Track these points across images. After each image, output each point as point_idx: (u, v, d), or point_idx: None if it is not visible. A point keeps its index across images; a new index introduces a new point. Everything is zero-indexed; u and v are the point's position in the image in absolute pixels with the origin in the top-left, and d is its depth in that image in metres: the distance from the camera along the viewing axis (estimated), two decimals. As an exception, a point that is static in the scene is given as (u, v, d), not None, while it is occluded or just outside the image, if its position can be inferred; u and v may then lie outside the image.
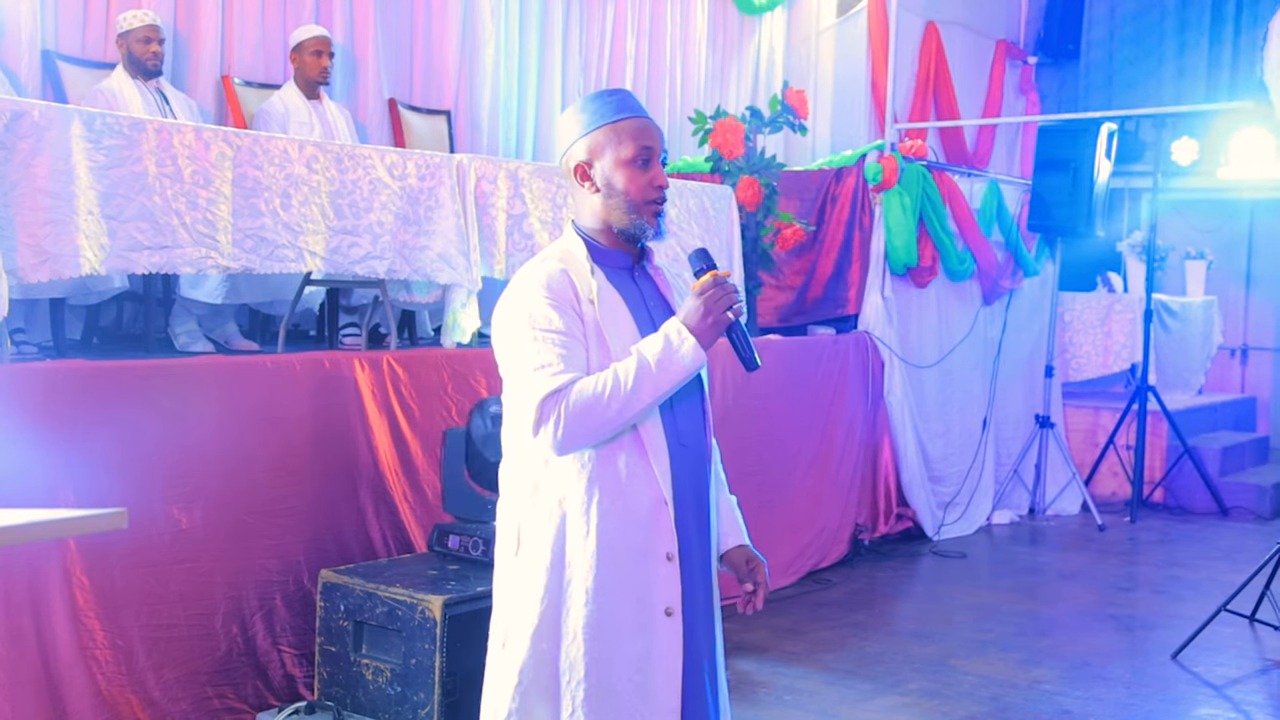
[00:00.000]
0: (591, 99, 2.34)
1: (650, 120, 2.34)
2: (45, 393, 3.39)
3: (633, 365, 2.18)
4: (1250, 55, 9.36)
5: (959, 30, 8.40)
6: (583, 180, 2.32)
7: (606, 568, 2.22)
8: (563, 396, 2.15)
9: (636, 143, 2.28)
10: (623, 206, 2.29)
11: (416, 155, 4.46)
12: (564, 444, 2.18)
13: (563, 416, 2.15)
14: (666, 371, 2.18)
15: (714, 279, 2.23)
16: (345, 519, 4.11)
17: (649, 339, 2.22)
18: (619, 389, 2.16)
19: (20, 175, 3.42)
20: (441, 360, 4.45)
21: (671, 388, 2.20)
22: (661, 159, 2.32)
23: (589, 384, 2.17)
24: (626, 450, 2.24)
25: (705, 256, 2.29)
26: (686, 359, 2.19)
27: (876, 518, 6.94)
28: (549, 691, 2.24)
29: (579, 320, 2.23)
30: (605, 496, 2.22)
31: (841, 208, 6.97)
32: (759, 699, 4.44)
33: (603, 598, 2.22)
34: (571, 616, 2.23)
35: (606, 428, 2.18)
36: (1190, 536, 7.64)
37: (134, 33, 5.01)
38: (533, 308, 2.22)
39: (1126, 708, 4.47)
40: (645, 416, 2.23)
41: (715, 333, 2.22)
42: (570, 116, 2.36)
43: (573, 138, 2.33)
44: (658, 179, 2.30)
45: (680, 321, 2.21)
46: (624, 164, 2.28)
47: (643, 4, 7.66)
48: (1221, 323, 10.65)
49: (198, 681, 3.66)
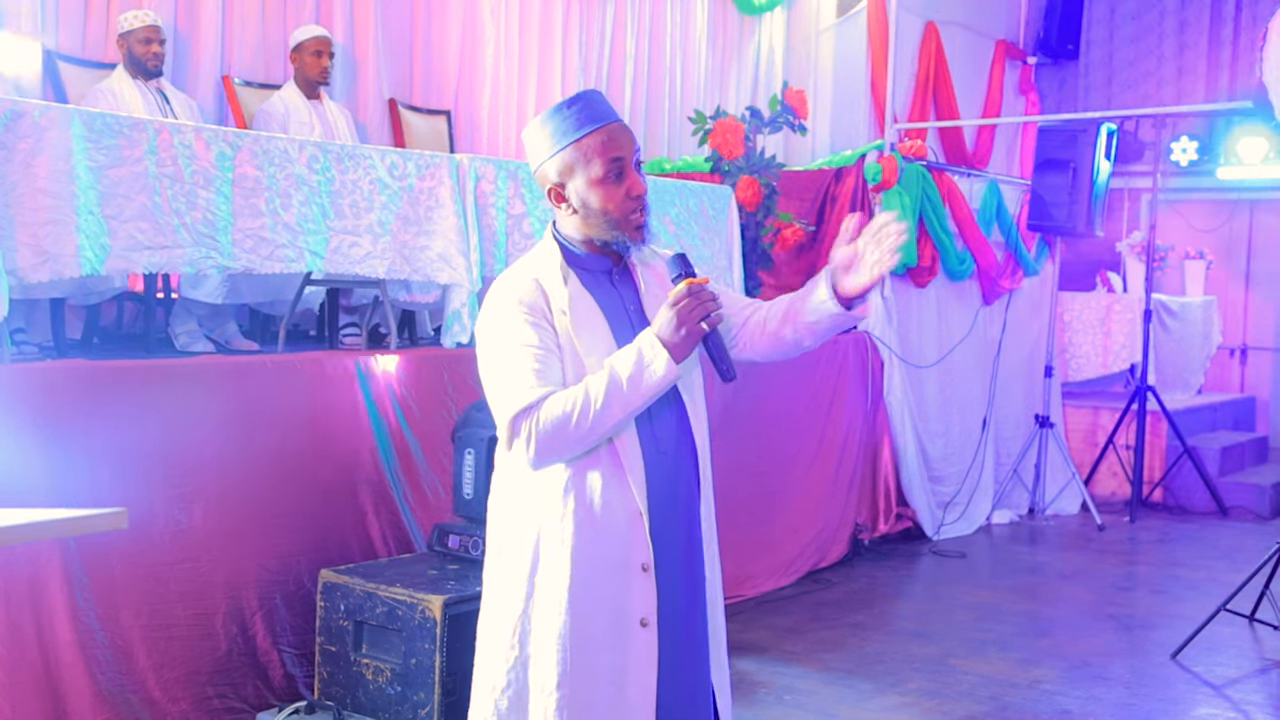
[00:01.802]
0: (552, 114, 2.26)
1: (616, 125, 2.25)
2: (45, 393, 3.39)
3: (604, 381, 2.13)
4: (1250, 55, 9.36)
5: (959, 30, 8.39)
6: (559, 202, 2.28)
7: (581, 578, 2.20)
8: (534, 413, 2.13)
9: (605, 157, 2.22)
10: (603, 224, 2.25)
11: (416, 155, 4.46)
12: (537, 460, 2.16)
13: (534, 433, 2.13)
14: (637, 388, 2.14)
15: (689, 288, 2.15)
16: (345, 519, 4.11)
17: (621, 353, 2.17)
18: (589, 406, 2.12)
19: (20, 175, 3.42)
20: (441, 360, 4.45)
21: (644, 403, 2.16)
22: (635, 160, 2.26)
23: (559, 401, 2.13)
24: (602, 462, 2.21)
25: (683, 263, 2.21)
26: (658, 374, 2.13)
27: (876, 518, 6.94)
28: (521, 700, 2.24)
29: (552, 332, 2.20)
30: (580, 507, 2.20)
31: (841, 208, 6.97)
32: (759, 699, 4.44)
33: (576, 608, 2.20)
34: (547, 626, 2.21)
35: (578, 444, 2.16)
36: (1190, 536, 7.64)
37: (135, 33, 5.01)
38: (505, 322, 2.20)
39: (1126, 707, 4.47)
40: (620, 430, 2.19)
41: (689, 345, 2.16)
42: (534, 133, 2.29)
43: (540, 158, 2.27)
44: (634, 188, 2.24)
45: (654, 334, 2.16)
46: (597, 183, 2.22)
47: (643, 4, 7.66)
48: (1221, 322, 10.65)
49: (198, 681, 3.66)
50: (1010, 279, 7.87)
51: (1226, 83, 9.92)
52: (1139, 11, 10.45)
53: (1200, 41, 10.19)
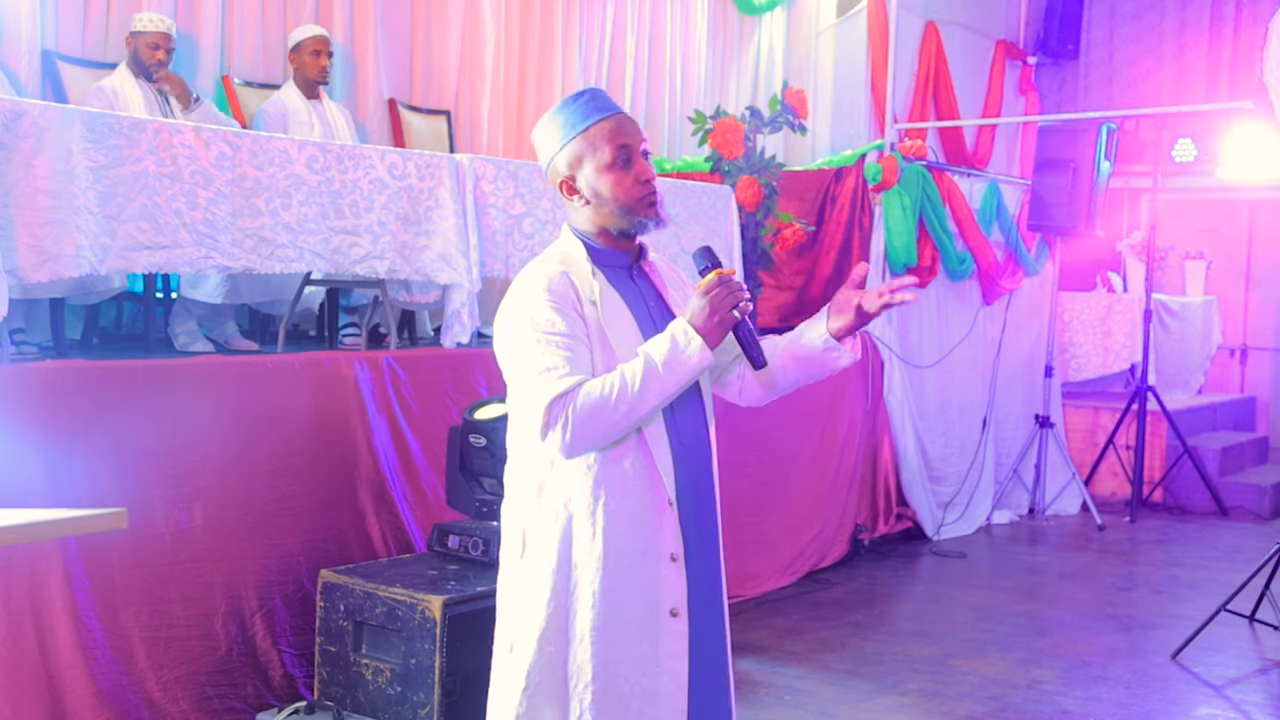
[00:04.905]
0: (559, 109, 2.32)
1: (621, 115, 2.31)
2: (45, 393, 3.39)
3: (639, 367, 2.16)
4: (1250, 55, 9.36)
5: (959, 30, 8.39)
6: (570, 194, 2.32)
7: (613, 570, 2.22)
8: (570, 400, 2.14)
9: (612, 145, 2.26)
10: (616, 211, 2.29)
11: (416, 155, 4.46)
12: (572, 447, 2.17)
13: (570, 420, 2.14)
14: (673, 372, 2.17)
15: (719, 277, 2.21)
16: (345, 519, 4.11)
17: (655, 340, 2.20)
18: (626, 391, 2.14)
19: (20, 175, 3.42)
20: (441, 360, 4.45)
21: (678, 388, 2.19)
22: (644, 150, 2.30)
23: (596, 386, 2.16)
24: (632, 452, 2.23)
25: (710, 255, 2.26)
26: (693, 359, 2.17)
27: (876, 518, 6.94)
28: (557, 695, 2.24)
29: (582, 322, 2.22)
30: (611, 498, 2.22)
31: (841, 208, 6.97)
32: (759, 699, 4.44)
33: (609, 600, 2.22)
34: (579, 619, 2.23)
35: (614, 430, 2.18)
36: (1190, 536, 7.64)
37: (145, 35, 5.00)
38: (535, 311, 2.21)
39: (1126, 708, 4.47)
40: (652, 418, 2.22)
41: (722, 332, 2.21)
42: (543, 129, 2.34)
43: (550, 153, 2.32)
44: (643, 174, 2.28)
45: (686, 321, 2.20)
46: (605, 170, 2.27)
47: (643, 4, 7.66)
48: (1221, 322, 10.66)
49: (197, 681, 3.66)
50: (1010, 279, 7.87)
51: (1226, 83, 9.92)
52: (1139, 11, 10.44)
53: (1200, 41, 10.19)
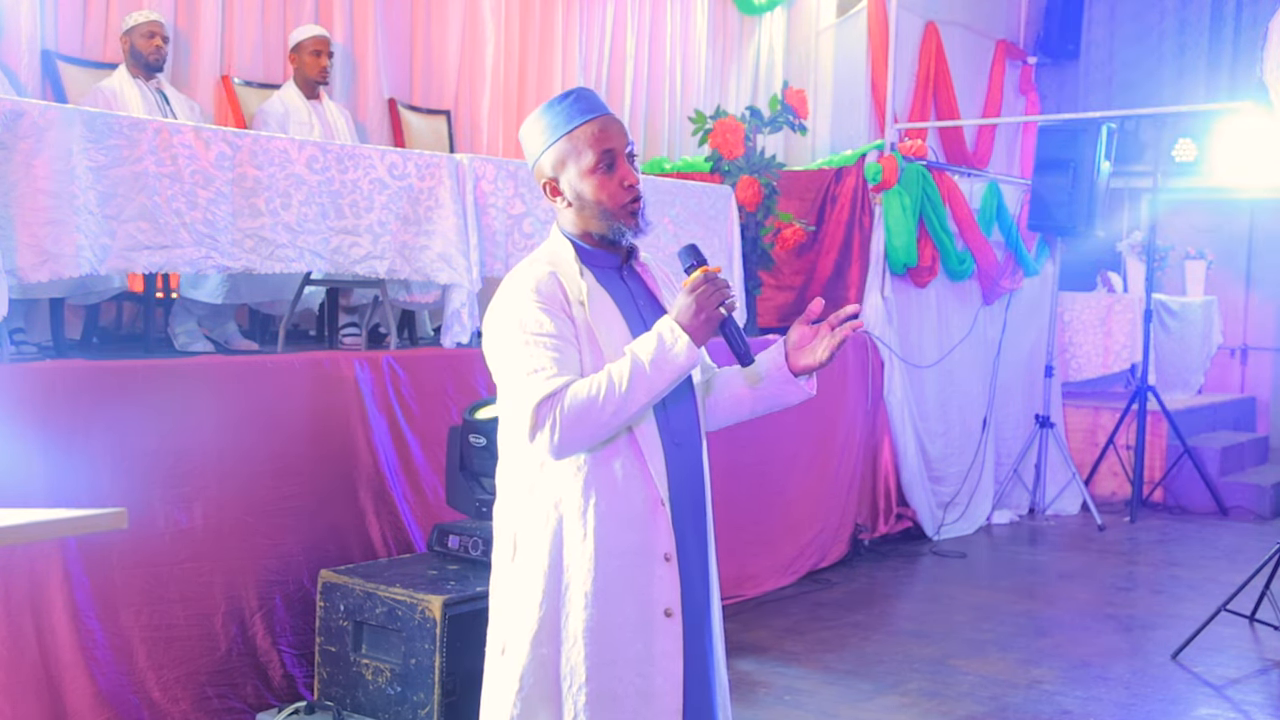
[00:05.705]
0: (546, 109, 2.31)
1: (608, 117, 2.29)
2: (45, 393, 3.39)
3: (626, 366, 2.16)
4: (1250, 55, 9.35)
5: (959, 30, 8.40)
6: (554, 195, 2.31)
7: (605, 570, 2.21)
8: (557, 400, 2.14)
9: (596, 148, 2.25)
10: (597, 215, 2.28)
11: (416, 155, 4.46)
12: (560, 448, 2.16)
13: (558, 421, 2.13)
14: (661, 371, 2.16)
15: (704, 275, 2.20)
16: (345, 519, 4.11)
17: (642, 339, 2.20)
18: (613, 391, 2.14)
19: (20, 175, 3.42)
20: (441, 360, 4.45)
21: (666, 387, 2.18)
22: (629, 153, 2.28)
23: (583, 387, 2.15)
24: (622, 452, 2.23)
25: (695, 253, 2.26)
26: (680, 357, 2.16)
27: (876, 518, 6.94)
28: (550, 696, 2.24)
29: (570, 323, 2.22)
30: (602, 499, 2.22)
31: (841, 208, 6.97)
32: (759, 699, 4.44)
33: (602, 600, 2.21)
34: (571, 620, 2.22)
35: (603, 430, 2.17)
36: (1190, 536, 7.64)
37: (138, 28, 5.02)
38: (523, 312, 2.20)
39: (1126, 708, 4.47)
40: (641, 417, 2.22)
41: (709, 329, 2.20)
42: (530, 128, 2.33)
43: (535, 152, 2.31)
44: (626, 178, 2.27)
45: (673, 320, 2.19)
46: (588, 173, 2.25)
47: (643, 4, 7.66)
48: (1221, 323, 10.66)
49: (197, 681, 3.66)
50: (1010, 279, 7.87)
51: (1226, 83, 9.91)
52: (1139, 11, 10.44)
53: (1200, 41, 10.18)
